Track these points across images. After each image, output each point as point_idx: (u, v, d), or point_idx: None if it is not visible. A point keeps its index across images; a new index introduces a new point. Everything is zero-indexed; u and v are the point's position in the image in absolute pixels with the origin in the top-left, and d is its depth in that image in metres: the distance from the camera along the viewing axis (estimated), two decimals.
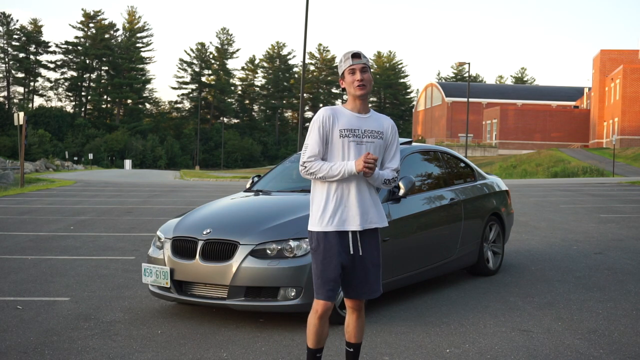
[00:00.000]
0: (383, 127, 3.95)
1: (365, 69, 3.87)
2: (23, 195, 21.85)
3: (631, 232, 11.66)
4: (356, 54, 3.88)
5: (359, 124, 3.88)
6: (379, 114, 4.03)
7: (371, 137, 3.89)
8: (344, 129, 3.85)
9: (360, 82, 3.84)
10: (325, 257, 3.85)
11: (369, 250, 3.91)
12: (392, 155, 4.00)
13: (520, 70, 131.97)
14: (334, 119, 3.86)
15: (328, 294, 3.84)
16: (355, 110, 3.92)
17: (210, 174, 52.10)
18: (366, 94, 3.89)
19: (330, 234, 3.85)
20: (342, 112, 3.91)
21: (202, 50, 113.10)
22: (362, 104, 3.91)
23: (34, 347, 5.00)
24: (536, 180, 37.63)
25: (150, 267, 5.82)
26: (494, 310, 6.08)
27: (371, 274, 3.92)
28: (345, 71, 3.88)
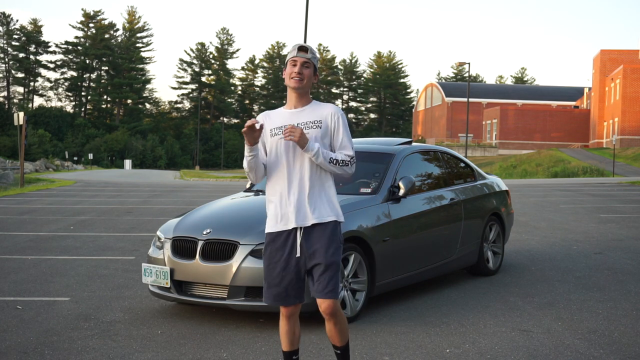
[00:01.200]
0: (322, 115, 3.79)
1: (307, 64, 3.75)
2: (23, 195, 21.85)
3: (631, 232, 11.66)
4: (303, 47, 3.77)
5: (291, 119, 3.79)
6: (322, 103, 3.88)
7: (306, 128, 3.76)
8: (274, 128, 3.80)
9: (298, 75, 3.73)
10: (270, 262, 3.78)
11: (317, 247, 3.71)
12: (340, 143, 3.80)
13: (520, 70, 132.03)
14: (266, 121, 3.84)
15: (275, 298, 3.76)
16: (291, 106, 3.83)
17: (210, 174, 52.11)
18: (302, 88, 3.76)
19: (276, 236, 3.77)
20: (276, 112, 3.88)
21: (202, 50, 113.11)
22: (298, 98, 3.80)
23: (34, 347, 5.00)
24: (536, 180, 37.63)
25: (150, 267, 5.82)
26: (494, 310, 6.08)
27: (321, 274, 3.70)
28: (288, 62, 3.78)
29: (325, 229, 3.74)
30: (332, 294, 3.70)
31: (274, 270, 3.75)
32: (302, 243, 3.73)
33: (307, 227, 3.73)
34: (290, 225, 3.73)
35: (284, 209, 3.75)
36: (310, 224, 3.73)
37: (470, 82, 55.11)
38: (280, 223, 3.75)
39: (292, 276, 3.74)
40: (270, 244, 3.79)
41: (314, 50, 3.81)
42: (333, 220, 3.77)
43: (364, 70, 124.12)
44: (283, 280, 3.73)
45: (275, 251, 3.76)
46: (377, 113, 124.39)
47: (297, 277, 3.76)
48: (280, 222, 3.75)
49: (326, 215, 3.76)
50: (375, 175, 6.52)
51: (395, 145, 7.13)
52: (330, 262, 3.71)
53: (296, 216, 3.72)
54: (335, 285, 3.72)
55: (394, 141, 7.37)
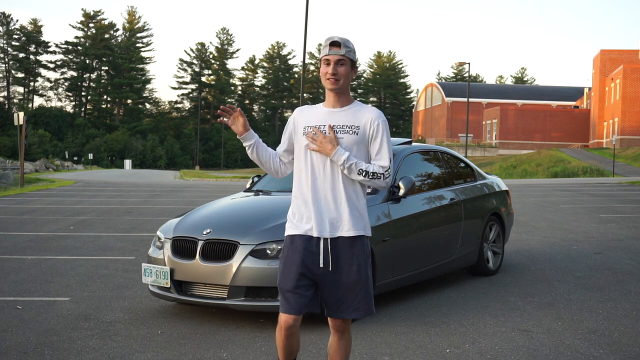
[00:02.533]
0: (361, 120, 3.45)
1: (342, 61, 3.39)
2: (23, 195, 21.85)
3: (631, 232, 11.66)
4: (335, 42, 3.39)
5: (327, 119, 3.46)
6: (364, 105, 3.52)
7: (340, 133, 3.43)
8: (307, 126, 3.47)
9: (333, 76, 3.39)
10: (285, 266, 3.47)
11: (341, 263, 3.42)
12: (376, 152, 3.47)
13: (520, 70, 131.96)
14: (301, 116, 3.54)
15: (285, 306, 3.45)
16: (329, 104, 3.50)
17: (210, 174, 52.10)
18: (339, 89, 3.44)
19: (296, 238, 3.46)
20: (314, 109, 3.55)
21: (202, 50, 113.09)
22: (337, 98, 3.47)
23: (34, 347, 5.00)
24: (536, 180, 37.62)
25: (150, 267, 5.82)
26: (494, 310, 6.08)
27: (349, 291, 3.43)
28: (321, 59, 3.43)
29: (352, 243, 3.45)
30: (356, 312, 3.46)
31: (289, 275, 3.44)
32: (326, 255, 3.42)
33: (333, 239, 3.44)
34: (314, 233, 3.43)
35: (308, 214, 3.45)
36: (337, 236, 3.44)
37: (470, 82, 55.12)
38: (302, 227, 3.45)
39: (307, 282, 3.44)
40: (289, 246, 3.48)
41: (348, 42, 3.42)
42: (362, 234, 3.47)
43: (364, 70, 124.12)
44: (298, 287, 3.42)
45: (292, 253, 3.46)
46: None
47: (313, 285, 3.46)
48: (303, 227, 3.45)
49: (355, 229, 3.44)
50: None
51: (395, 145, 7.12)
52: (360, 278, 3.44)
53: (321, 225, 3.42)
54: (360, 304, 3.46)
55: (394, 141, 7.36)
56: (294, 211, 3.53)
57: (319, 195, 3.45)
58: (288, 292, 3.43)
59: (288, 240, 3.51)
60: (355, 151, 3.45)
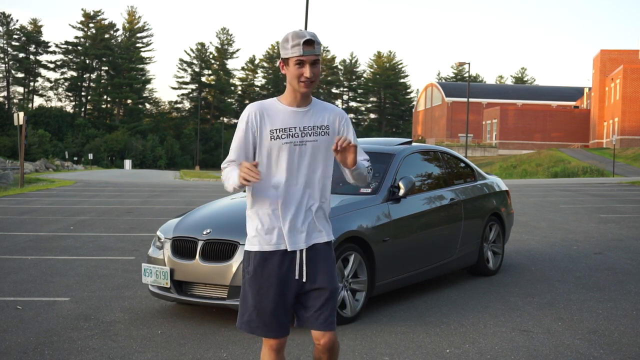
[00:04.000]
0: (328, 119, 3.20)
1: (316, 61, 3.07)
2: (23, 195, 21.84)
3: (631, 232, 11.66)
4: (309, 41, 3.04)
5: (296, 121, 3.13)
6: (324, 103, 3.27)
7: (313, 135, 3.15)
8: (276, 129, 3.11)
9: (308, 79, 3.07)
10: (261, 287, 3.13)
11: (318, 272, 3.16)
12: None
13: (520, 70, 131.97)
14: (264, 116, 3.13)
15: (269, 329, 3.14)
16: (293, 104, 3.16)
17: (210, 174, 52.10)
18: (310, 92, 3.15)
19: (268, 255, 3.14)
20: (274, 107, 3.16)
21: (202, 50, 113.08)
22: (304, 98, 3.16)
23: (34, 347, 5.00)
24: (536, 180, 37.62)
25: (150, 267, 5.82)
26: (494, 311, 6.08)
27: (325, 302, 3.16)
28: (290, 60, 3.07)
29: (326, 249, 3.22)
30: (333, 325, 3.19)
31: (267, 296, 3.12)
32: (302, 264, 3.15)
33: (308, 248, 3.17)
34: (289, 246, 3.13)
35: (279, 225, 3.13)
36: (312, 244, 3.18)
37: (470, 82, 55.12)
38: (274, 241, 3.13)
39: (287, 301, 3.15)
40: (261, 265, 3.14)
41: (317, 37, 3.09)
42: (331, 239, 3.26)
43: (364, 70, 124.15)
44: (278, 307, 3.13)
45: (268, 273, 3.13)
46: (377, 113, 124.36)
47: (287, 305, 3.16)
48: (275, 240, 3.13)
49: (327, 234, 3.23)
50: (375, 175, 6.51)
51: (395, 145, 7.13)
52: (334, 287, 3.18)
53: (297, 235, 3.14)
54: (334, 314, 3.21)
55: (394, 141, 7.37)
56: (259, 223, 3.15)
57: (293, 203, 3.14)
58: (268, 316, 3.13)
59: (259, 257, 3.14)
60: (329, 151, 3.20)
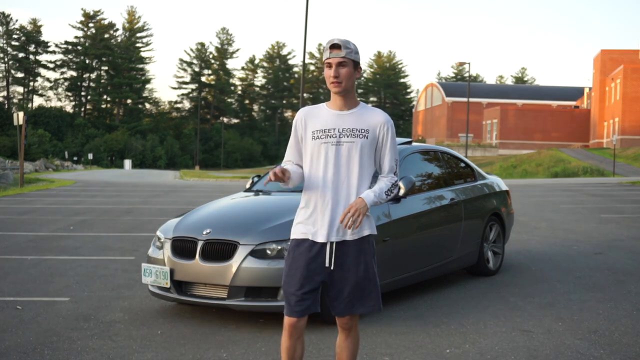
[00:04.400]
0: (370, 123, 3.45)
1: (343, 62, 3.37)
2: (23, 195, 21.84)
3: (631, 232, 11.66)
4: (335, 45, 3.37)
5: (336, 123, 3.43)
6: (372, 108, 3.52)
7: (351, 137, 3.41)
8: (317, 130, 3.43)
9: (335, 79, 3.38)
10: (290, 269, 3.47)
11: (346, 263, 3.43)
12: (385, 157, 3.50)
13: (520, 70, 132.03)
14: (307, 119, 3.47)
15: (288, 309, 3.45)
16: (336, 107, 3.47)
17: (210, 174, 52.11)
18: (343, 91, 3.42)
19: (301, 243, 3.46)
20: (319, 111, 3.49)
21: (202, 50, 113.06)
22: (343, 100, 3.45)
23: (33, 347, 5.00)
24: (536, 180, 37.62)
25: (150, 267, 5.82)
26: (494, 311, 6.08)
27: (357, 289, 3.45)
28: (325, 63, 3.42)
29: (359, 243, 3.46)
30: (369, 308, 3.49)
31: (294, 278, 3.43)
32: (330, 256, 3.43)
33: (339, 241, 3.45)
34: (321, 239, 3.42)
35: (317, 219, 3.44)
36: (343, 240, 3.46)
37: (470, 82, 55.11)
38: (309, 232, 3.45)
39: (312, 286, 3.43)
40: (293, 250, 3.48)
41: (348, 43, 3.40)
42: (368, 234, 3.50)
43: (364, 70, 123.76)
44: (302, 291, 3.42)
45: (297, 257, 3.45)
46: None
47: (315, 287, 3.45)
48: (311, 232, 3.45)
49: (362, 230, 3.47)
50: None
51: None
52: (367, 277, 3.46)
53: (330, 230, 3.42)
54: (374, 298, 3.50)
55: None
56: (304, 215, 3.49)
57: (335, 199, 3.43)
58: (292, 296, 3.43)
59: (294, 243, 3.49)
60: (367, 154, 3.45)
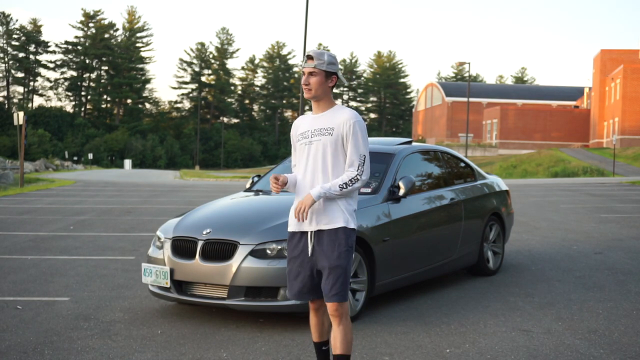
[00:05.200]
0: (336, 122, 3.84)
1: (314, 72, 3.80)
2: (23, 195, 21.85)
3: (631, 232, 11.66)
4: (309, 56, 3.83)
5: (311, 125, 3.91)
6: (344, 108, 3.88)
7: (319, 135, 3.86)
8: (299, 135, 3.96)
9: (305, 87, 3.83)
10: (290, 258, 3.98)
11: (322, 250, 3.81)
12: (349, 151, 3.81)
13: (520, 70, 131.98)
14: (296, 128, 4.00)
15: (296, 293, 3.94)
16: (314, 111, 3.95)
17: (210, 174, 52.10)
18: (314, 97, 3.85)
19: (292, 235, 3.96)
20: (306, 117, 4.00)
21: (202, 50, 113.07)
22: (317, 105, 3.90)
23: (33, 347, 5.00)
24: (536, 180, 37.62)
25: (150, 267, 5.82)
26: (494, 310, 6.08)
27: (332, 275, 3.77)
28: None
29: (333, 234, 3.83)
30: (336, 297, 3.77)
31: (293, 265, 3.94)
32: (314, 245, 3.85)
33: (317, 231, 3.86)
34: (303, 228, 3.89)
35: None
36: (319, 229, 3.85)
37: (470, 82, 55.09)
38: (296, 224, 3.91)
39: (306, 273, 3.88)
40: (290, 241, 3.98)
41: (322, 55, 3.82)
42: (342, 226, 3.83)
43: (364, 70, 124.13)
44: (299, 276, 3.91)
45: (292, 248, 3.95)
46: (377, 113, 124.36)
47: (311, 274, 3.88)
48: (295, 224, 3.92)
49: (335, 222, 3.83)
50: (375, 175, 6.51)
51: (395, 145, 7.12)
52: (334, 265, 3.78)
53: (309, 220, 3.85)
54: (340, 288, 3.78)
55: (394, 141, 7.36)
56: (292, 210, 3.93)
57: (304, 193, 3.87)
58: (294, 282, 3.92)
59: (289, 235, 3.99)
60: (331, 151, 3.82)
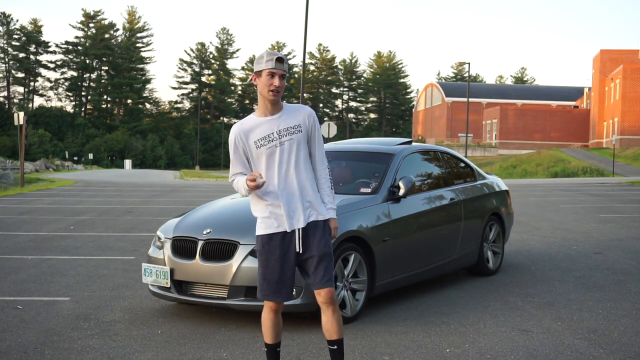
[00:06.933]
0: (299, 119, 3.89)
1: (283, 76, 3.83)
2: (23, 195, 21.85)
3: (631, 232, 11.66)
4: (280, 59, 3.82)
5: (272, 127, 3.85)
6: (293, 105, 3.96)
7: (288, 135, 3.85)
8: (258, 139, 3.85)
9: (276, 88, 3.80)
10: (268, 261, 3.90)
11: (313, 241, 3.88)
12: (317, 146, 3.95)
13: (520, 70, 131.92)
14: (245, 134, 3.88)
15: (273, 295, 3.90)
16: (266, 113, 3.88)
17: (210, 174, 52.10)
18: (278, 100, 3.86)
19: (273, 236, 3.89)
20: (252, 122, 3.90)
21: (202, 50, 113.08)
22: (274, 106, 3.88)
23: (34, 347, 5.00)
24: (536, 180, 37.62)
25: (150, 267, 5.82)
26: (494, 310, 6.08)
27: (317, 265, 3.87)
28: (264, 71, 3.81)
29: (317, 225, 3.91)
30: (329, 282, 3.87)
31: (273, 268, 3.88)
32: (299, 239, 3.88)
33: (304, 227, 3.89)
34: (287, 228, 3.87)
35: (279, 213, 3.87)
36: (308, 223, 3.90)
37: (470, 82, 55.11)
38: (275, 226, 3.88)
39: (289, 272, 3.91)
40: (266, 244, 3.90)
41: (286, 57, 3.89)
42: (327, 218, 3.97)
43: (364, 70, 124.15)
44: (282, 277, 3.88)
45: (273, 250, 3.88)
46: (377, 113, 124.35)
47: (292, 273, 3.92)
48: (276, 226, 3.88)
49: (320, 215, 3.93)
50: (375, 175, 6.51)
51: (395, 145, 7.13)
52: (324, 252, 3.88)
53: (291, 220, 3.86)
54: (330, 274, 3.89)
55: (394, 141, 7.37)
56: (265, 212, 3.90)
57: (290, 193, 3.87)
58: (276, 284, 3.89)
59: (265, 238, 3.91)
60: (303, 147, 3.89)
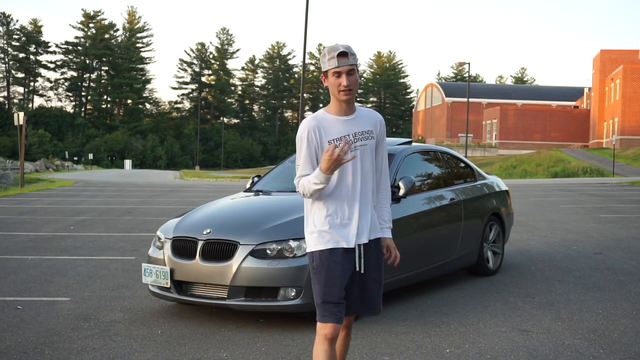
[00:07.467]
0: (371, 123, 3.54)
1: (352, 70, 3.39)
2: (23, 195, 21.85)
3: (631, 232, 11.66)
4: (343, 53, 3.37)
5: (348, 128, 3.46)
6: (365, 109, 3.59)
7: (362, 140, 3.49)
8: (334, 139, 3.43)
9: (347, 88, 3.38)
10: (329, 279, 3.44)
11: (371, 263, 3.54)
12: (381, 155, 3.60)
13: (520, 70, 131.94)
14: (320, 129, 3.44)
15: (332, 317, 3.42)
16: (341, 112, 3.47)
17: (210, 174, 52.10)
18: (352, 99, 3.46)
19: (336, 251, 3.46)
20: (326, 119, 3.47)
21: (202, 50, 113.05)
22: (349, 105, 3.47)
23: (34, 347, 5.00)
24: (536, 180, 37.63)
25: (150, 267, 5.82)
26: (494, 310, 6.08)
27: (373, 289, 3.57)
28: (329, 72, 3.40)
29: (377, 244, 3.60)
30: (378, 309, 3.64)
31: (334, 287, 3.43)
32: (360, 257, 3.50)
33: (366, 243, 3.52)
34: (349, 243, 3.45)
35: (349, 223, 3.46)
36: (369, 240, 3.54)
37: (470, 82, 55.10)
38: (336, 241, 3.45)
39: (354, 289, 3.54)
40: (328, 258, 3.44)
41: (351, 48, 3.41)
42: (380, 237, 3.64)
43: (364, 70, 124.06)
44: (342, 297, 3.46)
45: (334, 265, 3.44)
46: None
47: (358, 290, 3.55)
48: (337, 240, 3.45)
49: (379, 233, 3.61)
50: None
51: (395, 145, 7.13)
52: (379, 277, 3.60)
53: (359, 234, 3.47)
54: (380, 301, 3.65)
55: (394, 141, 7.37)
56: (331, 223, 3.46)
57: (363, 203, 3.49)
58: (336, 305, 3.42)
59: (327, 253, 3.44)
60: (373, 154, 3.55)
